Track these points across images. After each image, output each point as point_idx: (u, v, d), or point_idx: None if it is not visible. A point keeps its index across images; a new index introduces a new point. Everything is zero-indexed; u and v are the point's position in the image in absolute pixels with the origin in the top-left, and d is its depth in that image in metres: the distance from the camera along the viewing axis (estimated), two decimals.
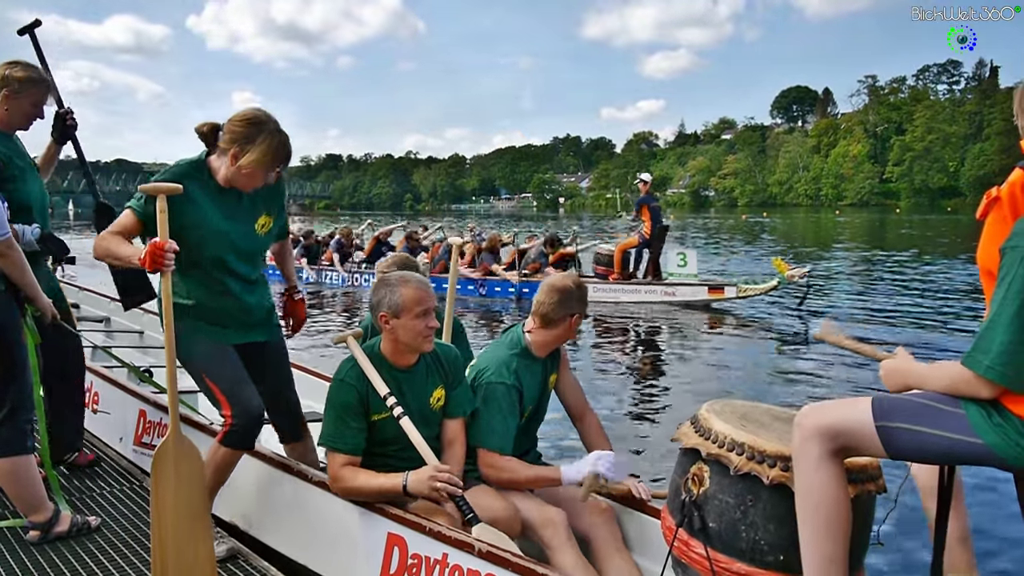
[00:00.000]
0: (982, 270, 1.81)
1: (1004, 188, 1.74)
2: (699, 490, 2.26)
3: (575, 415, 3.30)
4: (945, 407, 1.81)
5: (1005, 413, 1.73)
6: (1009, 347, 1.66)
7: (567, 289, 3.07)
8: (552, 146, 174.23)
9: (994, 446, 1.73)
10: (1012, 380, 1.67)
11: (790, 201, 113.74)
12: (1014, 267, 1.65)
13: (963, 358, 1.75)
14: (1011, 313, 1.65)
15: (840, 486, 1.96)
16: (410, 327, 2.81)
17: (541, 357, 3.16)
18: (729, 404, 2.51)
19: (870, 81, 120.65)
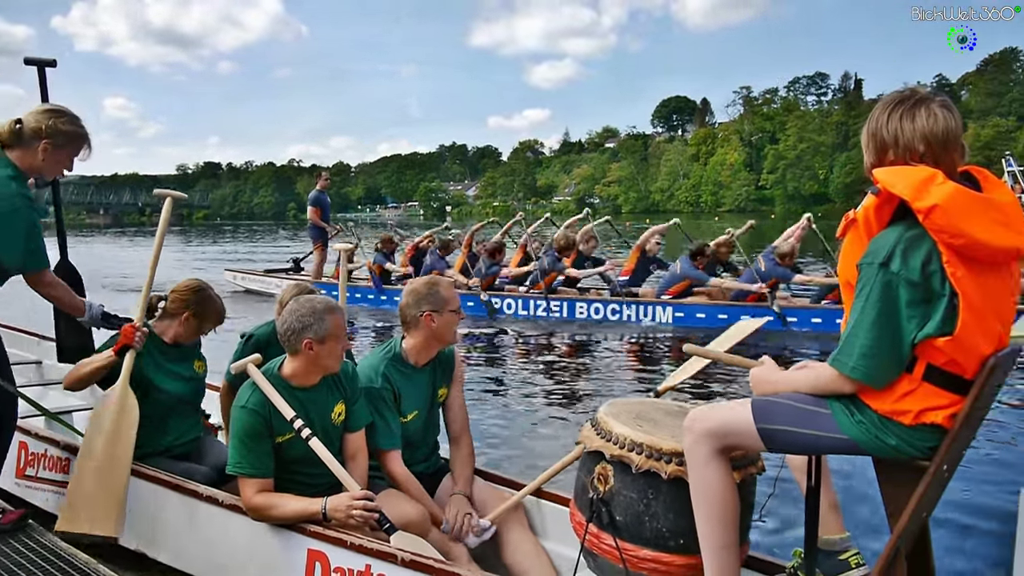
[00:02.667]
0: (843, 283, 2.08)
1: (860, 211, 2.02)
2: (605, 488, 2.49)
3: (451, 435, 3.39)
4: (814, 408, 2.09)
5: (864, 410, 2.01)
6: (869, 350, 1.93)
7: (416, 289, 3.20)
8: (439, 154, 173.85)
9: (856, 439, 2.02)
10: (872, 378, 1.95)
11: (672, 208, 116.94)
12: (870, 281, 1.91)
13: (830, 360, 2.03)
14: (869, 321, 1.92)
15: (727, 480, 2.24)
16: (332, 351, 2.92)
17: (420, 364, 3.25)
18: (624, 404, 2.75)
19: (745, 92, 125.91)
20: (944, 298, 1.87)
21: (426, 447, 3.39)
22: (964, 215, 1.84)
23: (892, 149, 2.02)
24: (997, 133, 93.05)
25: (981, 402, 1.94)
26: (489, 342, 9.96)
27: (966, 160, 2.03)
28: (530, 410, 6.51)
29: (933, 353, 1.91)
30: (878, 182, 1.95)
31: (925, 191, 1.85)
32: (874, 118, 2.07)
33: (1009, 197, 1.96)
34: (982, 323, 1.90)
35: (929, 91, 2.04)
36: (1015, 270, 2.02)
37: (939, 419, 1.93)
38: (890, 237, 1.93)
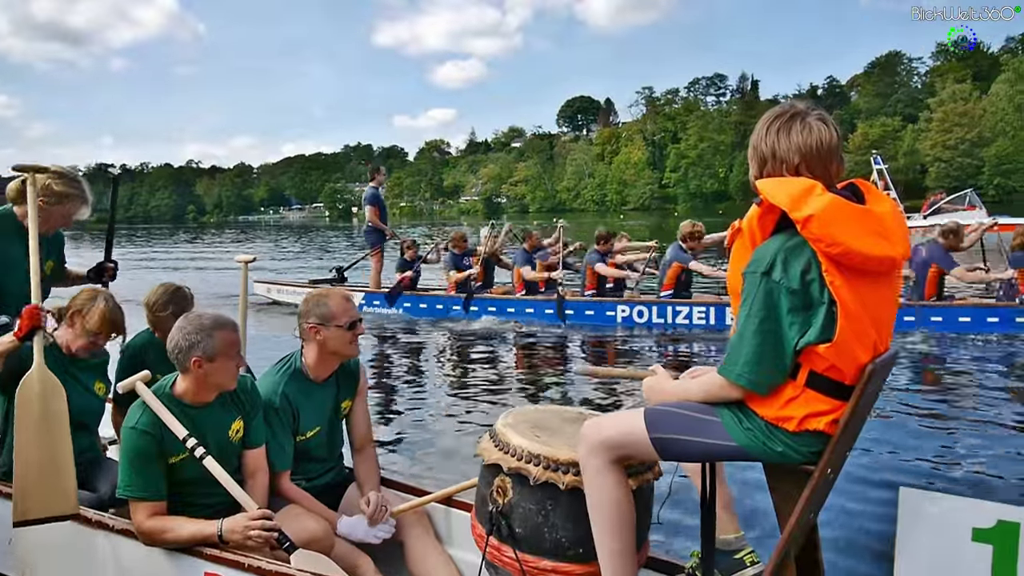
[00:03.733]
0: (731, 291, 2.13)
1: (745, 221, 2.08)
2: (504, 500, 2.48)
3: (355, 447, 3.35)
4: (704, 416, 2.12)
5: (752, 417, 2.06)
6: (754, 357, 1.97)
7: (307, 299, 3.15)
8: (344, 154, 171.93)
9: (745, 446, 2.07)
10: (756, 384, 2.00)
11: (578, 207, 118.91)
12: (754, 290, 1.96)
13: (718, 368, 2.07)
14: (753, 329, 1.96)
15: (622, 489, 2.26)
16: (224, 369, 2.83)
17: (320, 379, 3.18)
18: (522, 414, 2.75)
19: (647, 92, 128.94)
20: (823, 305, 1.92)
21: (330, 460, 3.34)
22: (840, 225, 1.89)
23: (771, 162, 2.06)
24: (884, 132, 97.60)
25: (861, 407, 2.00)
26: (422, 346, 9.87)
27: (844, 173, 2.09)
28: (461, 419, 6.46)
29: (815, 359, 1.96)
30: (760, 193, 1.99)
31: (803, 202, 1.90)
32: (756, 132, 2.12)
33: (888, 208, 2.03)
34: (859, 330, 1.95)
35: (808, 105, 2.09)
36: (895, 279, 2.09)
37: (821, 425, 1.99)
38: (772, 247, 1.97)
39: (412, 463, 5.24)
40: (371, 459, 3.33)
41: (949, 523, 1.88)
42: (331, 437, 3.30)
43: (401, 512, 3.12)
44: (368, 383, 3.45)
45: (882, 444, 5.23)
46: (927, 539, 1.91)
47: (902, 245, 2.01)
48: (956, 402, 6.47)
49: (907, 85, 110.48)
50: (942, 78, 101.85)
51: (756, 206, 2.03)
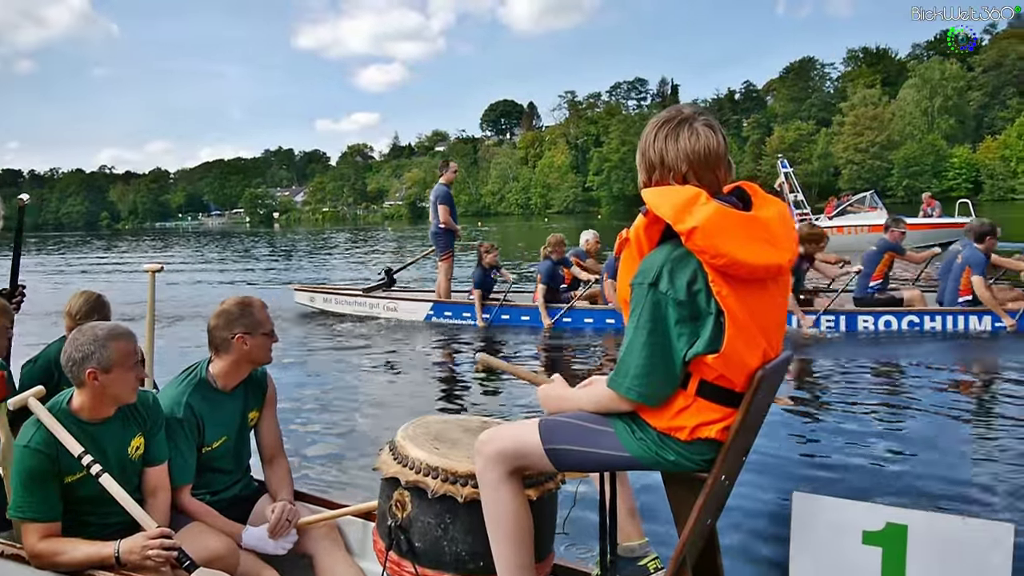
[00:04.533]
0: (621, 301, 2.09)
1: (632, 231, 2.04)
2: (403, 514, 2.42)
3: (265, 457, 3.28)
4: (598, 427, 2.10)
5: (645, 428, 2.03)
6: (642, 369, 1.94)
7: (228, 310, 3.06)
8: (264, 159, 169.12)
9: (638, 456, 2.05)
10: (646, 397, 1.97)
11: (503, 210, 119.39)
12: (641, 301, 1.93)
13: (608, 380, 2.04)
14: (641, 341, 1.93)
15: (518, 501, 2.22)
16: (122, 381, 2.71)
17: (228, 389, 3.11)
18: (423, 424, 2.69)
19: (570, 96, 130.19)
20: (711, 316, 1.91)
21: (238, 471, 3.25)
22: (724, 235, 1.87)
23: (659, 168, 2.04)
24: (799, 136, 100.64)
25: (752, 413, 1.99)
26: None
27: (734, 176, 2.08)
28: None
29: (704, 369, 1.94)
30: (646, 203, 1.97)
31: (687, 213, 1.88)
32: (643, 138, 2.10)
33: (775, 212, 2.02)
34: (748, 339, 1.94)
35: (695, 110, 2.06)
36: (783, 284, 2.08)
37: (713, 433, 1.97)
38: (658, 257, 1.95)
39: (337, 475, 5.12)
40: (282, 470, 3.25)
41: (840, 527, 1.89)
42: (238, 448, 3.21)
43: (307, 524, 3.04)
44: (277, 392, 3.37)
45: (780, 449, 5.30)
46: (819, 543, 1.92)
47: (789, 250, 2.01)
48: (850, 405, 6.58)
49: (820, 90, 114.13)
50: (853, 83, 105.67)
51: (642, 216, 2.01)
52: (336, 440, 5.92)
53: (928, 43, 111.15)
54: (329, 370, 8.56)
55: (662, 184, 2.04)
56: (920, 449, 5.27)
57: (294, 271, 24.35)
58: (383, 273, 12.70)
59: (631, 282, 1.98)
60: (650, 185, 2.06)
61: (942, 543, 1.78)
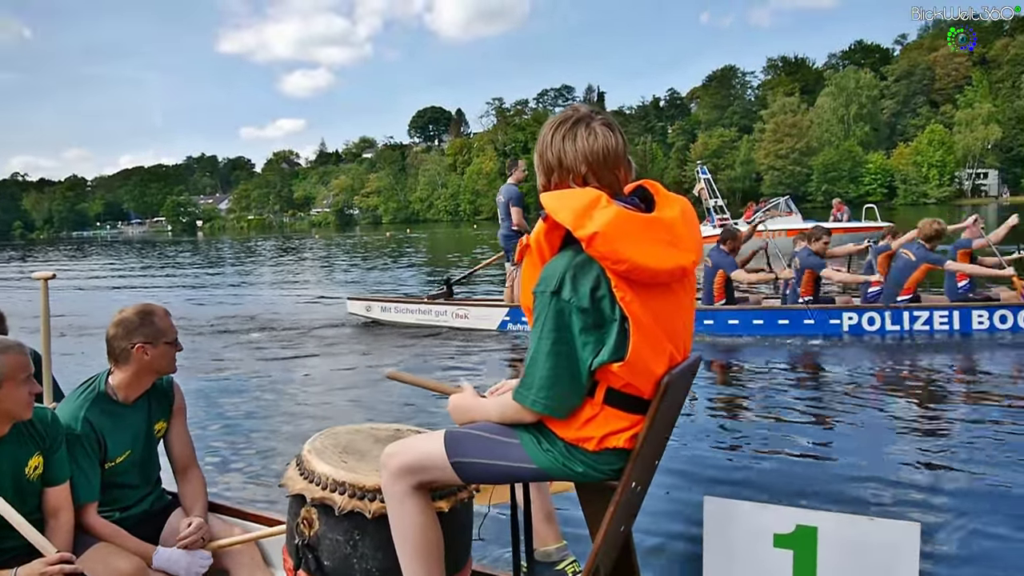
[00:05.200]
0: (524, 309, 2.03)
1: (532, 237, 1.96)
2: (310, 532, 2.32)
3: (177, 469, 3.14)
4: (504, 438, 2.03)
5: (552, 439, 1.98)
6: (547, 381, 1.87)
7: (126, 319, 2.92)
8: (187, 166, 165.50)
9: (545, 468, 1.99)
10: (553, 409, 1.91)
11: (432, 217, 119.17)
12: (544, 310, 1.86)
13: (513, 392, 1.98)
14: (546, 351, 1.86)
15: (426, 516, 2.14)
16: (14, 397, 2.54)
17: (130, 400, 2.97)
18: (332, 436, 2.60)
19: (497, 103, 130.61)
20: (615, 323, 1.85)
21: (146, 485, 3.10)
22: (626, 240, 1.82)
23: (557, 170, 1.98)
24: (722, 142, 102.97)
25: (660, 419, 1.96)
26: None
27: (633, 176, 2.03)
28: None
29: (611, 377, 1.89)
30: (544, 207, 1.91)
31: (587, 217, 1.82)
32: (540, 140, 2.03)
33: (678, 212, 1.98)
34: (654, 344, 1.90)
35: (592, 109, 2.01)
36: (688, 285, 2.04)
37: (621, 442, 1.93)
38: (559, 264, 1.88)
39: (266, 489, 4.94)
40: (195, 481, 3.11)
41: (752, 530, 1.87)
42: (145, 461, 3.06)
43: (221, 548, 2.92)
44: (186, 402, 3.22)
45: (695, 452, 5.33)
46: (732, 547, 1.90)
47: (693, 251, 1.97)
48: (765, 408, 6.64)
49: (742, 98, 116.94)
50: (773, 91, 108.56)
51: (542, 221, 1.94)
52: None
53: (843, 52, 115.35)
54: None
55: (561, 187, 1.98)
56: (833, 451, 5.35)
57: (228, 280, 23.73)
58: (443, 284, 11.83)
59: (533, 290, 1.91)
60: (549, 188, 2.00)
61: (851, 544, 1.77)
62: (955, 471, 4.82)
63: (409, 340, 10.47)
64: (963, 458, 5.03)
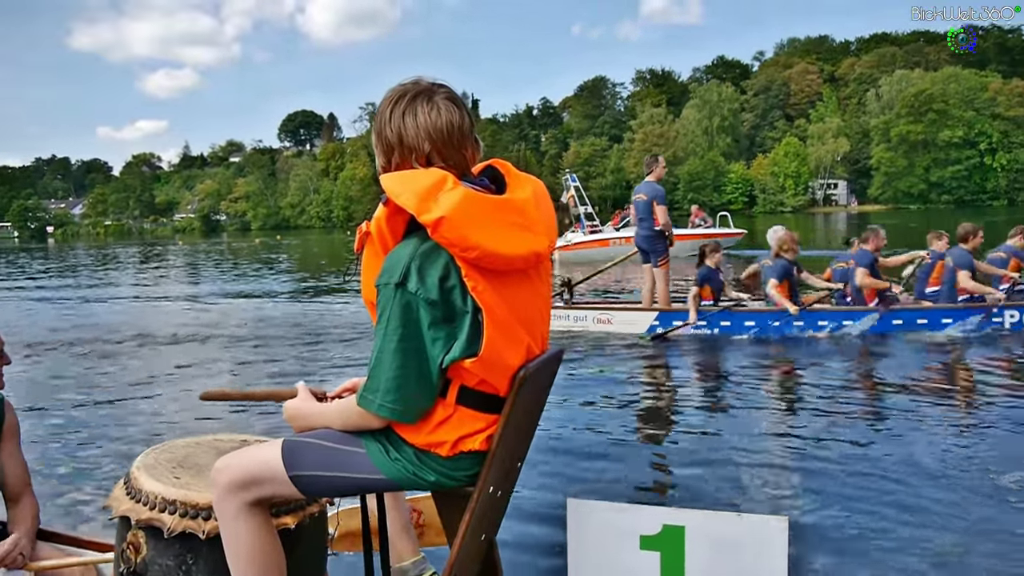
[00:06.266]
0: (366, 302, 1.84)
1: (373, 224, 1.78)
2: (137, 558, 2.07)
3: (8, 496, 2.81)
4: (348, 447, 1.84)
5: (400, 445, 1.80)
6: (395, 383, 1.70)
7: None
8: (36, 168, 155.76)
9: (394, 479, 1.81)
10: (401, 413, 1.73)
11: (304, 223, 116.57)
12: (389, 304, 1.69)
13: (356, 396, 1.78)
14: (392, 349, 1.69)
15: (265, 535, 1.93)
16: None
17: None
18: (168, 449, 2.36)
19: (371, 108, 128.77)
20: (468, 315, 1.70)
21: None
22: (475, 224, 1.67)
23: (398, 149, 1.80)
24: (593, 151, 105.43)
25: (515, 418, 1.82)
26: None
27: (481, 156, 1.88)
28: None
29: (464, 375, 1.73)
30: (385, 190, 1.73)
31: (431, 200, 1.66)
32: (378, 116, 1.85)
33: (529, 192, 1.84)
34: (509, 336, 1.76)
35: (433, 82, 1.84)
36: (544, 272, 1.92)
37: (476, 445, 1.78)
38: (404, 252, 1.70)
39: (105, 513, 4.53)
40: (28, 508, 2.78)
41: (616, 532, 1.78)
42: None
43: (43, 570, 2.58)
44: (17, 422, 2.86)
45: (561, 453, 5.23)
46: (596, 550, 1.80)
47: (547, 235, 1.83)
48: (629, 405, 6.63)
49: (612, 108, 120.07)
50: (641, 102, 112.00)
51: (383, 206, 1.74)
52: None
53: (706, 67, 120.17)
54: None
55: (403, 167, 1.80)
56: (704, 449, 5.38)
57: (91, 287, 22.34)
58: (562, 285, 10.94)
59: (376, 282, 1.73)
60: (390, 170, 1.82)
61: (720, 541, 1.70)
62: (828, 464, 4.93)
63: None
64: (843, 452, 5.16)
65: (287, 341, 10.57)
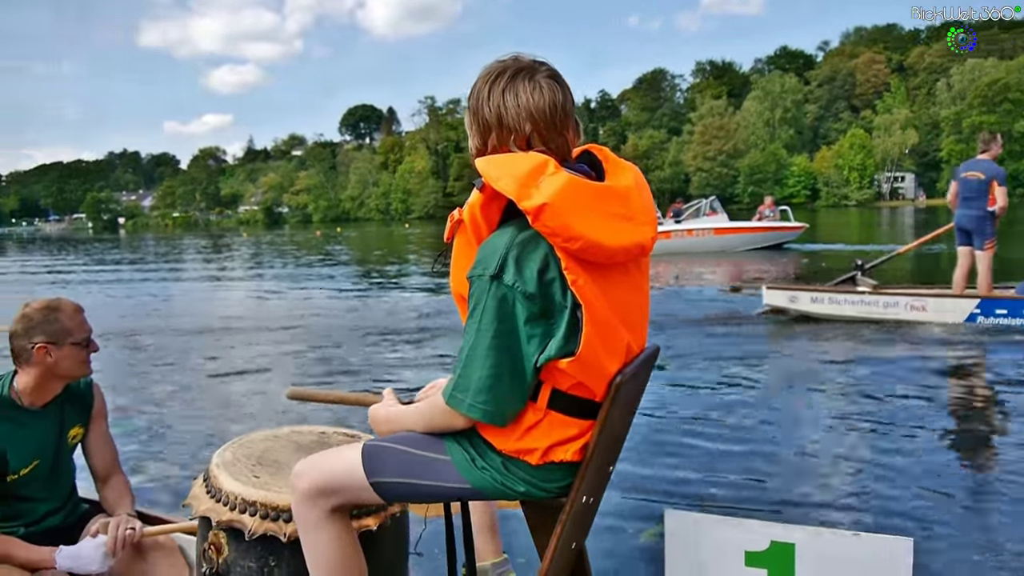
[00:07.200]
0: (456, 296, 1.73)
1: (466, 211, 1.67)
2: (219, 559, 2.04)
3: (99, 477, 2.84)
4: (431, 454, 1.75)
5: (487, 453, 1.70)
6: (488, 381, 1.59)
7: (27, 315, 2.61)
8: (108, 162, 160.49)
9: (480, 488, 1.72)
10: (494, 415, 1.62)
11: (363, 216, 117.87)
12: (483, 297, 1.58)
13: (445, 395, 1.68)
14: (485, 346, 1.59)
15: (345, 542, 1.86)
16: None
17: (38, 405, 2.66)
18: (246, 444, 2.32)
19: (429, 102, 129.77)
20: (566, 311, 1.58)
21: (57, 498, 2.76)
22: (578, 212, 1.55)
23: (496, 130, 1.68)
24: (652, 143, 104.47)
25: (613, 425, 1.72)
26: None
27: (582, 139, 1.77)
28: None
29: (558, 377, 1.62)
30: (481, 174, 1.62)
31: (533, 186, 1.54)
32: (473, 95, 1.72)
33: (631, 180, 1.72)
34: (608, 335, 1.65)
35: (534, 59, 1.72)
36: (644, 266, 1.80)
37: (568, 455, 1.67)
38: (500, 242, 1.59)
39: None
40: (120, 487, 2.82)
41: (719, 547, 1.67)
42: (54, 472, 2.74)
43: (154, 534, 2.62)
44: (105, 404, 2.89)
45: (652, 459, 4.91)
46: (697, 566, 1.70)
47: (650, 225, 1.71)
48: (729, 409, 6.16)
49: (671, 100, 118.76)
50: (701, 94, 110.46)
51: (477, 191, 1.62)
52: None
53: (769, 58, 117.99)
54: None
55: (501, 151, 1.68)
56: (806, 459, 4.92)
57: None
58: (854, 267, 10.18)
59: (468, 274, 1.62)
60: (485, 153, 1.70)
61: (834, 562, 1.58)
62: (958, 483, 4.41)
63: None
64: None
65: (355, 334, 10.56)
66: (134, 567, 2.61)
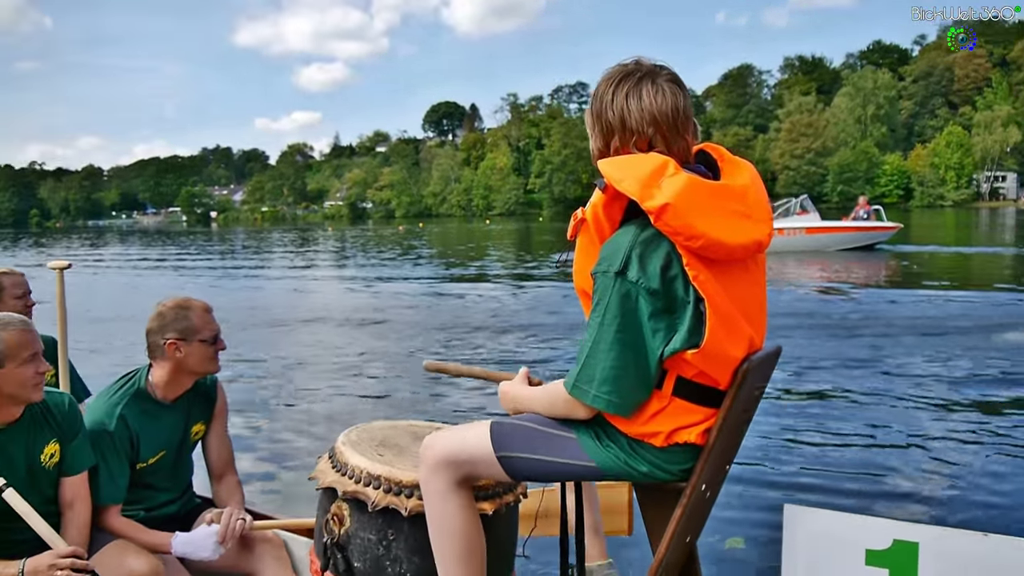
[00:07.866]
0: (579, 291, 1.79)
1: (589, 210, 1.73)
2: (340, 530, 2.14)
3: (214, 473, 2.98)
4: (557, 432, 1.81)
5: (613, 434, 1.76)
6: (612, 372, 1.65)
7: (163, 312, 2.74)
8: (202, 157, 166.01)
9: (604, 467, 1.77)
10: (619, 406, 1.67)
11: (445, 212, 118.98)
12: (607, 293, 1.64)
13: (569, 385, 1.74)
14: (610, 340, 1.64)
15: (468, 514, 1.93)
16: (17, 377, 2.36)
17: (169, 399, 2.80)
18: (368, 429, 2.42)
19: (512, 99, 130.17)
20: (689, 305, 1.63)
21: (177, 489, 2.94)
22: (699, 211, 1.60)
23: (619, 133, 1.73)
24: (737, 141, 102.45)
25: (735, 413, 1.74)
26: None
27: (699, 140, 1.82)
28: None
29: (683, 366, 1.67)
30: (604, 175, 1.67)
31: (655, 186, 1.59)
32: (597, 96, 1.77)
33: (748, 179, 1.76)
34: (731, 328, 1.68)
35: (655, 64, 1.75)
36: (761, 262, 1.83)
37: (692, 437, 1.71)
38: (623, 240, 1.65)
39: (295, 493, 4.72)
40: (232, 485, 2.96)
41: (839, 544, 1.67)
42: (177, 464, 2.90)
43: (257, 529, 2.74)
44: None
45: (768, 454, 4.90)
46: (816, 563, 1.70)
47: (767, 222, 1.75)
48: (846, 408, 6.06)
49: (757, 97, 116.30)
50: (789, 91, 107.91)
51: (600, 191, 1.69)
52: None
53: (861, 52, 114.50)
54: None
55: (622, 152, 1.73)
56: (930, 455, 4.82)
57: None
58: None
59: (593, 271, 1.68)
60: (607, 154, 1.75)
61: (960, 563, 1.56)
62: None
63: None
64: None
65: (453, 329, 10.68)
66: (242, 558, 2.72)
